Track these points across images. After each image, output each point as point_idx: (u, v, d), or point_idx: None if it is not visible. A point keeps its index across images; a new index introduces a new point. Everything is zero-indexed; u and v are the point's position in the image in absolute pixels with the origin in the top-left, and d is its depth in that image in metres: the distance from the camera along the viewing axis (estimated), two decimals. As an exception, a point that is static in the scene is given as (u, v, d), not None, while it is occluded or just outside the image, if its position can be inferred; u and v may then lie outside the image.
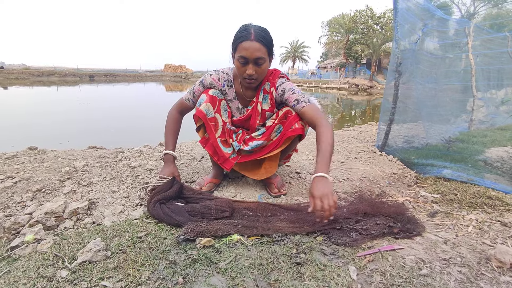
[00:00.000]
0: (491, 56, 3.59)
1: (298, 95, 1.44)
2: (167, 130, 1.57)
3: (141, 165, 1.97)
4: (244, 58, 1.34)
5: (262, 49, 1.33)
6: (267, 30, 1.39)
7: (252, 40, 1.31)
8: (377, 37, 27.19)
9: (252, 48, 1.31)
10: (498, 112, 4.45)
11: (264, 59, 1.36)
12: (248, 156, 1.56)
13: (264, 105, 1.54)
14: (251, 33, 1.32)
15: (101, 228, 1.21)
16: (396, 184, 1.89)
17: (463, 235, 1.26)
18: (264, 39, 1.34)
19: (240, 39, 1.33)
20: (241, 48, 1.33)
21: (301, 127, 1.45)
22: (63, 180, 1.69)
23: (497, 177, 1.82)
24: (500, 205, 1.51)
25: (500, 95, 4.51)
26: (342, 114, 13.27)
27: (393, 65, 2.14)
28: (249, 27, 1.36)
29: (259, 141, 1.53)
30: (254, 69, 1.36)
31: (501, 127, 3.31)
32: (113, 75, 37.22)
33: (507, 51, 3.49)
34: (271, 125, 1.53)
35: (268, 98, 1.52)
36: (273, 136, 1.53)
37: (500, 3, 4.30)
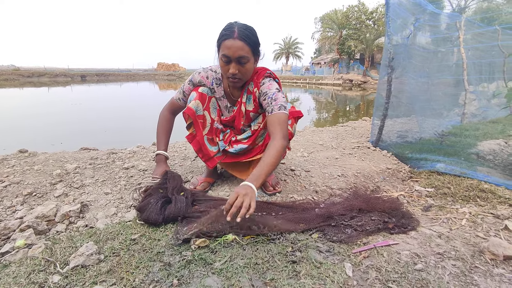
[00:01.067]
0: (482, 49, 3.62)
1: (267, 101, 1.39)
2: (159, 130, 1.55)
3: (134, 165, 1.94)
4: (227, 57, 1.31)
5: (245, 48, 1.30)
6: (252, 29, 1.35)
7: (235, 38, 1.28)
8: (370, 32, 27.29)
9: (235, 47, 1.28)
10: (490, 105, 4.49)
11: (248, 58, 1.32)
12: (233, 158, 1.55)
13: (248, 106, 1.51)
14: (234, 32, 1.29)
15: (94, 231, 1.19)
16: (390, 179, 1.90)
17: (457, 228, 1.27)
18: (247, 38, 1.30)
19: (223, 37, 1.30)
20: (224, 47, 1.30)
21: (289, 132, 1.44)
22: (54, 183, 1.66)
23: (489, 170, 1.84)
24: (493, 198, 1.52)
25: (492, 88, 4.56)
26: (337, 109, 13.33)
27: (386, 60, 2.14)
28: (233, 25, 1.32)
29: (243, 145, 1.52)
30: (237, 68, 1.33)
31: (492, 120, 3.34)
32: (105, 74, 36.79)
33: (498, 45, 3.52)
34: (257, 129, 1.53)
35: (252, 99, 1.49)
36: (258, 141, 1.53)
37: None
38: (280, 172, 1.87)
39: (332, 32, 32.35)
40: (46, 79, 29.90)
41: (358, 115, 11.72)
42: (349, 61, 31.85)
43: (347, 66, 32.14)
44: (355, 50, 29.08)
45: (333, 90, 24.53)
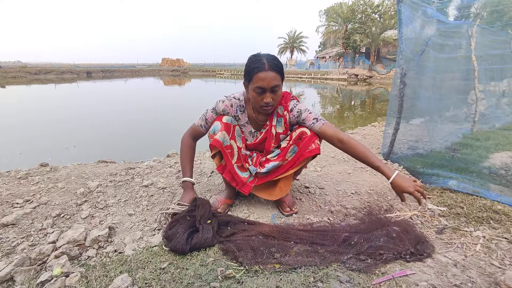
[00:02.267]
0: (493, 55, 3.60)
1: (314, 114, 1.53)
2: (183, 157, 1.61)
3: (153, 183, 2.01)
4: (261, 88, 1.40)
5: (277, 77, 1.40)
6: (277, 58, 1.46)
7: (267, 70, 1.38)
8: (375, 26, 26.88)
9: (269, 78, 1.38)
10: (499, 105, 4.47)
11: (279, 86, 1.43)
12: (264, 178, 1.61)
13: (278, 128, 1.59)
14: (264, 63, 1.38)
15: (125, 259, 1.26)
16: (403, 196, 1.94)
17: (472, 255, 1.31)
18: (277, 67, 1.41)
19: (255, 70, 1.38)
20: (257, 79, 1.38)
21: (318, 147, 1.52)
22: (80, 203, 1.73)
23: (502, 188, 1.86)
24: (506, 220, 1.56)
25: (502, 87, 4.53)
26: (342, 105, 13.29)
27: (398, 76, 2.16)
28: (261, 57, 1.42)
29: (275, 162, 1.57)
30: (271, 96, 1.42)
31: (503, 127, 3.34)
32: (111, 71, 36.93)
33: (510, 51, 3.50)
34: (286, 146, 1.58)
35: (282, 122, 1.57)
36: (288, 156, 1.58)
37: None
38: (295, 190, 1.92)
39: (337, 26, 31.92)
40: (53, 76, 30.14)
41: (363, 109, 11.70)
42: (355, 55, 31.51)
43: (352, 61, 31.81)
44: (361, 44, 28.73)
45: (338, 85, 24.38)
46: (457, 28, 2.89)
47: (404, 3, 2.04)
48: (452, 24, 2.73)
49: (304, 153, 1.51)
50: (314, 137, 1.51)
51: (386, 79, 25.21)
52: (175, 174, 2.18)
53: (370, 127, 4.05)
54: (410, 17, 2.14)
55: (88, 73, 33.59)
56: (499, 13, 4.59)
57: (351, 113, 11.07)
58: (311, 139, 1.50)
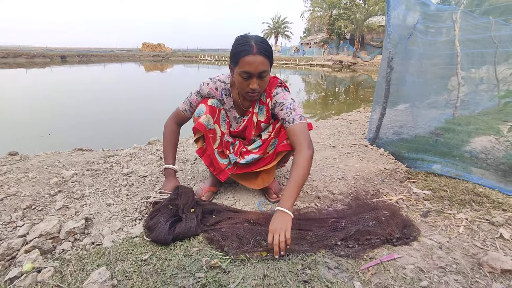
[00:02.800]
0: (475, 40, 3.65)
1: (285, 112, 1.38)
2: (166, 143, 1.52)
3: (133, 171, 1.91)
4: (248, 73, 1.29)
5: (265, 62, 1.29)
6: (266, 40, 1.35)
7: (255, 54, 1.26)
8: (360, 12, 26.85)
9: (257, 63, 1.27)
10: (478, 91, 4.60)
11: (267, 71, 1.33)
12: (243, 168, 1.55)
13: (260, 116, 1.51)
14: (252, 46, 1.27)
15: (103, 251, 1.19)
16: (388, 181, 1.95)
17: (455, 237, 1.33)
18: (266, 51, 1.29)
19: (242, 53, 1.27)
20: (244, 63, 1.27)
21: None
22: (53, 194, 1.62)
23: (483, 171, 1.91)
24: (487, 202, 1.59)
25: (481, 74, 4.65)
26: (327, 92, 13.35)
27: (385, 60, 2.12)
28: (249, 38, 1.30)
29: (255, 155, 1.52)
30: (258, 82, 1.32)
31: (482, 112, 3.43)
32: (87, 55, 35.21)
33: (491, 36, 3.55)
34: (267, 138, 1.52)
35: (264, 110, 1.49)
36: (269, 149, 1.53)
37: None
38: (282, 176, 1.88)
39: (321, 12, 31.65)
40: (23, 59, 28.38)
41: (348, 98, 11.80)
42: (339, 41, 31.50)
43: (337, 47, 31.82)
44: (345, 30, 28.70)
45: (323, 72, 24.44)
46: (442, 12, 2.88)
47: (392, -16, 1.99)
48: (438, 8, 2.71)
49: (278, 147, 1.46)
50: None
51: (370, 66, 25.48)
52: (156, 162, 2.08)
53: (355, 113, 4.06)
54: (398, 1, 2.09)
55: (62, 57, 31.89)
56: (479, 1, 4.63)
57: (335, 99, 11.13)
58: (286, 133, 1.42)
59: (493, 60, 3.94)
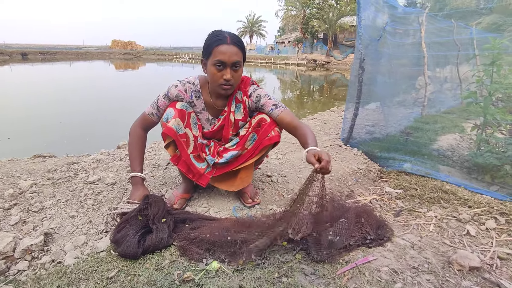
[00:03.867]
0: (440, 43, 3.83)
1: (274, 100, 1.45)
2: (132, 149, 1.43)
3: (100, 178, 1.80)
4: (222, 63, 1.29)
5: (239, 53, 1.32)
6: (238, 36, 1.36)
7: (229, 44, 1.29)
8: (332, 12, 27.52)
9: (230, 52, 1.28)
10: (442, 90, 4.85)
11: (240, 63, 1.34)
12: (223, 168, 1.51)
13: (237, 115, 1.49)
14: (226, 37, 1.29)
15: (64, 270, 1.09)
16: (362, 181, 1.98)
17: (426, 235, 1.37)
18: (239, 43, 1.33)
19: (216, 43, 1.28)
20: (218, 52, 1.28)
21: (278, 134, 1.45)
22: (8, 207, 1.47)
23: (450, 169, 1.99)
24: (454, 199, 1.66)
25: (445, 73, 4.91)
26: (302, 91, 13.55)
27: (357, 61, 2.16)
28: (222, 31, 1.33)
29: (234, 152, 1.48)
30: (232, 74, 1.32)
31: (447, 111, 3.60)
32: (52, 53, 33.22)
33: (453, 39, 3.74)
34: (245, 134, 1.49)
35: (241, 108, 1.48)
36: (247, 145, 1.49)
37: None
38: (257, 180, 1.85)
39: (295, 11, 32.08)
40: (-21, 57, 26.23)
41: (322, 96, 12.05)
42: (313, 40, 32.12)
43: (311, 46, 32.41)
44: (319, 30, 29.30)
45: (297, 70, 24.77)
46: (409, 15, 2.98)
47: (362, -14, 2.02)
48: (405, 11, 2.81)
49: (264, 141, 1.43)
50: (273, 124, 1.43)
51: (343, 65, 26.20)
52: (126, 168, 1.97)
53: (329, 112, 4.12)
54: (368, 1, 2.13)
55: (23, 54, 29.83)
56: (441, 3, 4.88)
57: (310, 98, 11.32)
58: (270, 126, 1.42)
59: (456, 61, 4.16)
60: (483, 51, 2.45)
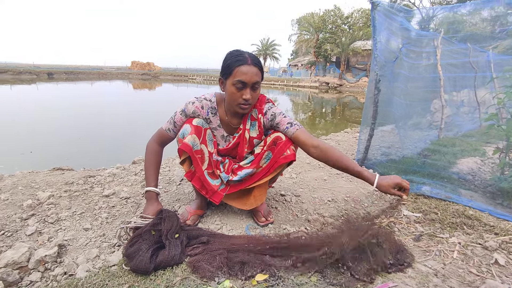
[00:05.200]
0: (455, 65, 3.81)
1: (289, 119, 1.45)
2: (148, 165, 1.44)
3: (115, 192, 1.82)
4: (242, 83, 1.31)
5: (259, 74, 1.34)
6: (257, 56, 1.40)
7: (250, 64, 1.31)
8: (345, 36, 28.07)
9: (251, 73, 1.31)
10: (459, 113, 4.76)
11: (259, 84, 1.37)
12: (237, 186, 1.50)
13: (252, 133, 1.49)
14: (247, 58, 1.32)
15: (75, 283, 1.08)
16: (379, 203, 1.92)
17: (450, 263, 1.29)
18: (259, 64, 1.36)
19: (237, 63, 1.31)
20: (239, 73, 1.30)
21: (293, 153, 1.43)
22: (25, 217, 1.50)
23: (472, 193, 1.90)
24: (479, 225, 1.57)
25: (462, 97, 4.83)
26: (313, 112, 13.58)
27: (372, 82, 2.16)
28: (242, 51, 1.36)
29: (248, 170, 1.47)
30: (251, 94, 1.34)
31: (465, 134, 3.51)
32: (75, 72, 34.96)
33: (469, 61, 3.72)
34: (260, 152, 1.48)
35: (256, 125, 1.48)
36: (262, 163, 1.48)
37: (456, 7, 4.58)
38: (271, 198, 1.83)
39: (309, 35, 32.93)
40: (9, 76, 27.91)
41: (334, 116, 12.03)
42: (326, 64, 32.59)
43: (323, 69, 32.86)
44: (331, 53, 29.80)
45: (310, 92, 25.01)
46: (425, 37, 3.00)
47: (378, 11, 2.06)
48: (419, 34, 2.83)
49: (279, 159, 1.42)
50: (289, 142, 1.42)
51: (355, 88, 26.30)
52: (140, 183, 1.99)
53: (343, 133, 4.09)
54: (384, 24, 2.16)
55: (49, 74, 31.53)
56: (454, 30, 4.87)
57: (322, 119, 11.31)
58: (286, 144, 1.42)
59: (473, 84, 4.10)
60: (504, 73, 2.41)
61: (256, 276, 1.13)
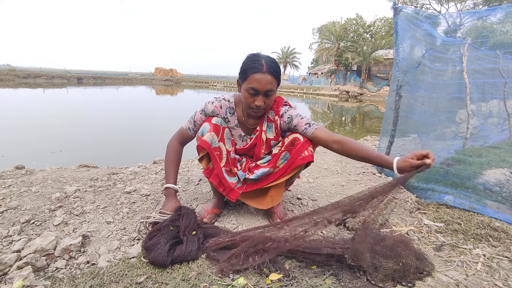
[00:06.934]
0: (483, 72, 3.67)
1: (306, 119, 1.45)
2: (168, 162, 1.50)
3: (136, 189, 1.88)
4: (255, 90, 1.33)
5: (273, 82, 1.34)
6: (276, 61, 1.39)
7: (265, 72, 1.31)
8: (367, 45, 27.70)
9: (264, 81, 1.31)
10: (487, 124, 4.54)
11: (274, 90, 1.36)
12: (253, 185, 1.51)
13: (269, 134, 1.50)
14: (263, 65, 1.31)
15: (97, 271, 1.13)
16: (398, 211, 1.87)
17: (473, 274, 1.23)
18: (275, 72, 1.34)
19: (252, 70, 1.31)
20: (253, 80, 1.31)
21: (311, 154, 1.42)
22: (53, 209, 1.59)
23: (499, 205, 1.82)
24: (506, 238, 1.50)
25: (489, 107, 4.62)
26: (333, 120, 13.42)
27: (394, 88, 2.13)
28: (260, 57, 1.35)
29: (265, 169, 1.48)
30: (263, 100, 1.35)
31: (493, 145, 3.35)
32: (102, 78, 36.64)
33: (498, 68, 3.57)
34: (277, 152, 1.50)
35: (273, 127, 1.49)
36: (279, 163, 1.49)
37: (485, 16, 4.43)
38: (287, 201, 1.83)
39: (329, 44, 32.78)
40: (42, 80, 29.66)
41: (354, 125, 11.82)
42: (346, 72, 32.23)
43: (344, 78, 32.49)
44: (352, 62, 29.46)
45: (329, 101, 24.76)
46: (450, 44, 2.92)
47: (400, 16, 2.04)
48: (445, 40, 2.76)
49: (297, 160, 1.43)
50: (307, 143, 1.42)
51: (376, 97, 25.77)
52: (160, 181, 2.06)
53: (362, 141, 4.02)
54: (407, 30, 2.14)
55: (78, 79, 33.22)
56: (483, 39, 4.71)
57: (342, 128, 11.15)
58: (304, 145, 1.41)
59: (502, 94, 3.93)
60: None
61: (270, 275, 1.13)
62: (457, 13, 2.89)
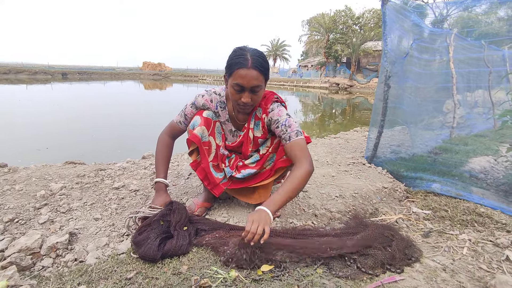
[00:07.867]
0: (468, 62, 3.73)
1: (281, 129, 1.35)
2: (158, 156, 1.47)
3: (125, 185, 1.85)
4: (240, 86, 1.25)
5: (259, 77, 1.25)
6: (263, 55, 1.30)
7: (250, 68, 1.22)
8: (356, 37, 27.79)
9: (249, 77, 1.22)
10: (473, 114, 4.65)
11: (261, 86, 1.28)
12: (239, 183, 1.50)
13: (256, 132, 1.47)
14: (248, 60, 1.23)
15: (85, 268, 1.11)
16: (387, 200, 1.90)
17: (459, 258, 1.26)
18: (261, 66, 1.25)
19: (236, 65, 1.23)
20: (237, 76, 1.23)
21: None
22: (38, 207, 1.55)
23: (484, 191, 1.87)
24: (490, 223, 1.54)
25: (475, 97, 4.72)
26: (323, 113, 13.48)
27: (382, 79, 2.14)
28: (245, 51, 1.26)
29: (252, 170, 1.48)
30: (250, 96, 1.28)
31: (479, 134, 3.43)
32: (88, 73, 35.70)
33: (483, 58, 3.64)
34: (265, 153, 1.48)
35: (260, 125, 1.45)
36: (266, 165, 1.49)
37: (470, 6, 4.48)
38: (278, 193, 1.82)
39: (319, 36, 32.74)
40: (24, 76, 28.71)
41: (344, 117, 11.91)
42: (336, 64, 32.33)
43: (333, 70, 32.60)
44: (342, 54, 29.55)
45: (319, 93, 24.82)
46: (437, 35, 2.95)
47: (388, 6, 2.03)
48: (432, 31, 2.78)
49: (277, 162, 1.43)
50: None
51: (366, 89, 26.01)
52: (149, 176, 2.03)
53: (352, 132, 4.05)
54: (395, 20, 2.14)
55: (63, 74, 32.29)
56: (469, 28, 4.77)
57: (332, 120, 11.22)
58: None
59: (487, 84, 4.01)
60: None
61: (261, 266, 1.13)
62: (443, 2, 2.90)
